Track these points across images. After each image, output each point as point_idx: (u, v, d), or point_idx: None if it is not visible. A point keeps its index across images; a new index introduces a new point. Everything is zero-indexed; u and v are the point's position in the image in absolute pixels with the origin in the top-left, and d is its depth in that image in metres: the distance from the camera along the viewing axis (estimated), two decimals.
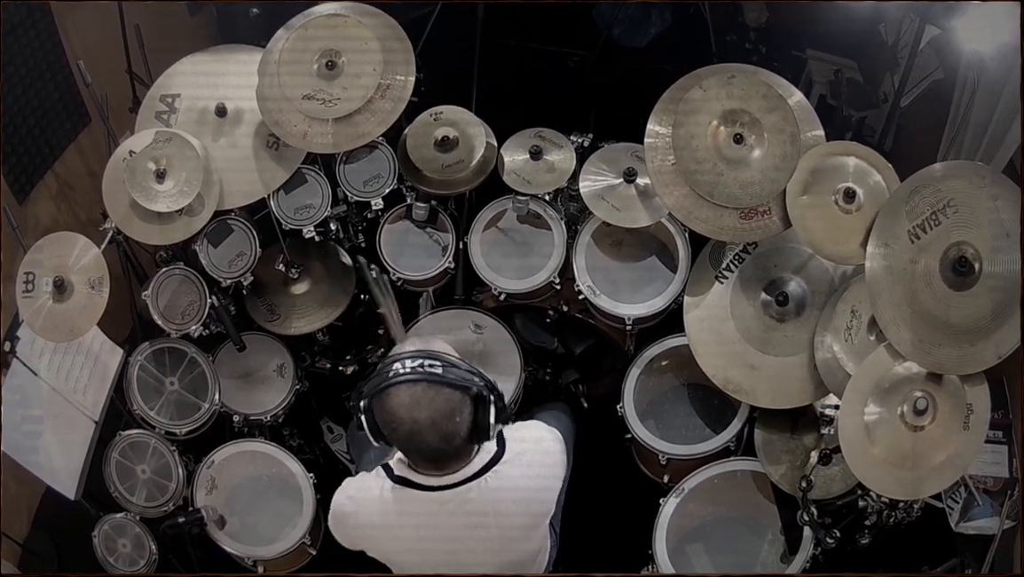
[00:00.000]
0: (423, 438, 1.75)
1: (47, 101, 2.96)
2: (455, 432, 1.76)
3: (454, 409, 1.74)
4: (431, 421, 1.73)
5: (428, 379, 1.72)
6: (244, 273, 2.81)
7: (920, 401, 2.08)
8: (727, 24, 4.08)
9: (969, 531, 2.37)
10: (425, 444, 1.76)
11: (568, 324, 2.98)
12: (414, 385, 1.72)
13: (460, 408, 1.75)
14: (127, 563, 2.62)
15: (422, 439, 1.75)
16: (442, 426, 1.74)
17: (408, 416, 1.73)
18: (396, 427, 1.75)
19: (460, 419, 1.76)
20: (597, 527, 2.88)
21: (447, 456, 1.81)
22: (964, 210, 2.08)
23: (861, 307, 2.33)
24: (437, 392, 1.72)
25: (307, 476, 2.74)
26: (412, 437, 1.76)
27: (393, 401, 1.73)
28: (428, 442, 1.75)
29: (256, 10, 3.49)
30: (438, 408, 1.72)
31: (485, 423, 1.78)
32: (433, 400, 1.72)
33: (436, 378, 1.72)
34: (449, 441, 1.77)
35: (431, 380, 1.72)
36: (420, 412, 1.72)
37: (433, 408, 1.72)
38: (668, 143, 2.43)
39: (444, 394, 1.73)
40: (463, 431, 1.77)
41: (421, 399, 1.72)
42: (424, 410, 1.72)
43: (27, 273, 2.48)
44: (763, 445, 2.53)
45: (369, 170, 2.83)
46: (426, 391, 1.72)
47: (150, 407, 2.71)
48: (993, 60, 2.52)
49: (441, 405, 1.73)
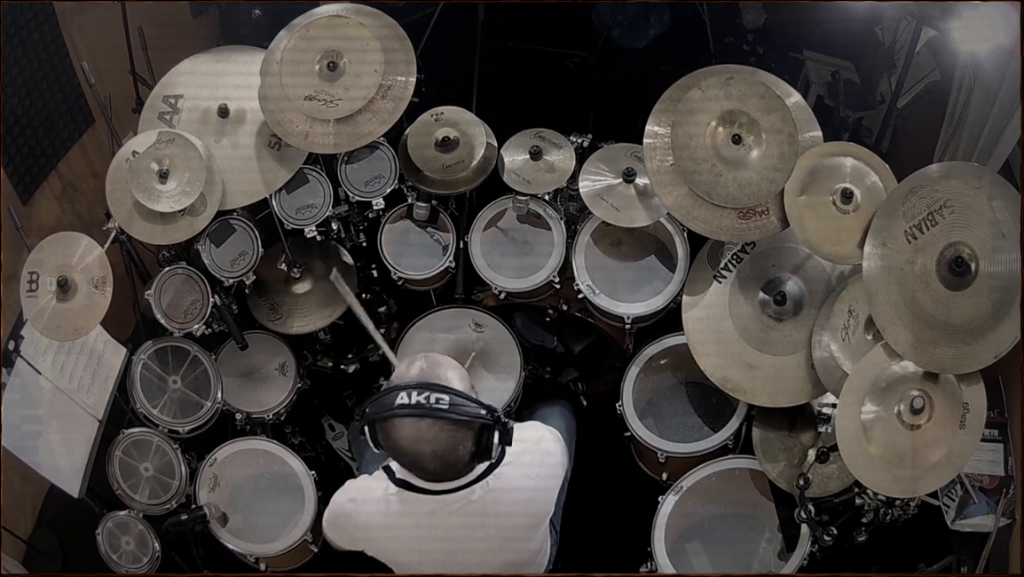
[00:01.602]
0: (425, 466, 1.78)
1: (51, 102, 2.97)
2: (458, 461, 1.78)
3: (457, 443, 1.75)
4: (433, 453, 1.74)
5: (434, 416, 1.70)
6: (246, 272, 2.81)
7: (917, 400, 2.08)
8: (725, 26, 4.08)
9: (965, 529, 2.38)
10: (427, 470, 1.79)
11: (568, 323, 2.99)
12: (419, 420, 1.71)
13: (464, 441, 1.76)
14: (130, 560, 2.63)
15: (424, 467, 1.78)
16: (445, 457, 1.75)
17: (411, 448, 1.74)
18: (398, 455, 1.78)
19: (463, 450, 1.77)
20: (596, 524, 2.89)
21: (449, 477, 1.83)
22: (960, 210, 2.08)
23: (858, 307, 2.33)
24: (441, 428, 1.72)
25: (309, 474, 2.75)
26: (415, 464, 1.79)
27: (396, 432, 1.73)
28: (430, 469, 1.78)
29: (258, 11, 3.50)
30: (441, 443, 1.73)
31: (488, 446, 1.79)
32: (437, 436, 1.72)
33: (442, 415, 1.70)
34: (451, 468, 1.79)
35: (436, 416, 1.71)
36: (423, 446, 1.73)
37: (437, 443, 1.73)
38: (667, 143, 2.43)
39: (448, 430, 1.72)
40: (466, 458, 1.79)
41: (426, 434, 1.72)
42: (428, 444, 1.73)
43: (31, 273, 2.49)
44: (761, 443, 2.54)
45: (370, 170, 2.83)
46: (431, 427, 1.71)
47: (153, 405, 2.72)
48: (989, 62, 2.52)
49: (445, 440, 1.73)
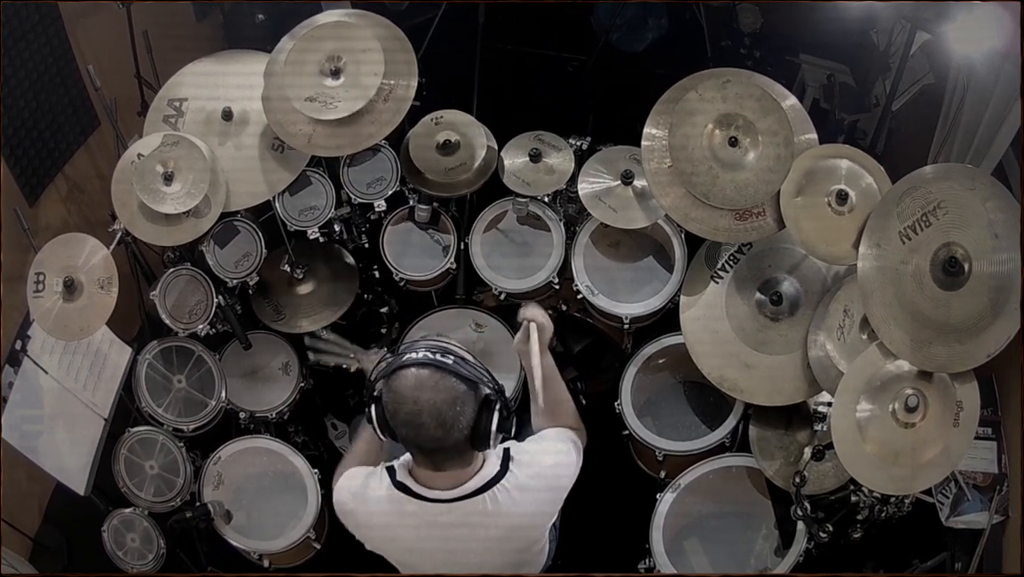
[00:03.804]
0: (422, 421, 1.74)
1: (57, 105, 2.99)
2: (454, 422, 1.75)
3: (457, 398, 1.75)
4: (432, 404, 1.74)
5: (436, 365, 1.75)
6: (250, 273, 2.84)
7: (911, 398, 2.10)
8: (722, 30, 4.10)
9: (959, 525, 2.38)
10: (424, 429, 1.75)
11: (567, 323, 3.00)
12: (421, 368, 1.75)
13: (463, 400, 1.76)
14: (136, 557, 2.65)
15: (421, 422, 1.74)
16: (442, 411, 1.74)
17: (411, 395, 1.75)
18: (398, 407, 1.76)
19: (461, 410, 1.76)
20: (596, 522, 2.89)
21: (444, 451, 1.80)
22: (954, 211, 2.09)
23: (853, 306, 2.35)
24: (443, 378, 1.75)
25: (311, 472, 2.77)
26: (412, 420, 1.75)
27: (399, 382, 1.76)
28: (426, 427, 1.74)
29: (262, 16, 3.51)
30: (441, 393, 1.74)
31: (487, 428, 1.79)
32: (437, 384, 1.74)
33: (445, 366, 1.75)
34: (447, 431, 1.75)
35: (439, 366, 1.75)
36: (423, 393, 1.74)
37: (436, 392, 1.74)
38: (665, 146, 2.45)
39: (449, 382, 1.75)
40: (462, 425, 1.76)
41: (426, 381, 1.74)
42: (427, 392, 1.74)
43: (37, 273, 2.52)
44: (758, 441, 2.55)
45: (372, 172, 2.86)
46: (432, 375, 1.75)
47: (158, 404, 2.75)
48: (982, 64, 2.53)
49: (445, 391, 1.75)
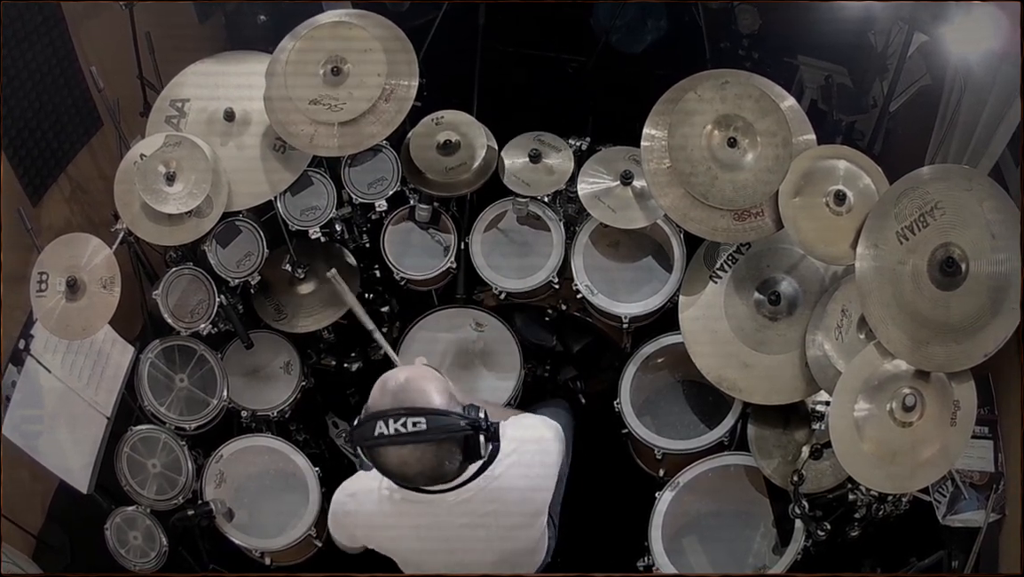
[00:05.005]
0: (416, 484, 1.82)
1: (60, 105, 3.00)
2: (446, 473, 1.80)
3: (444, 459, 1.76)
4: (421, 473, 1.76)
5: (414, 440, 1.72)
6: (252, 273, 2.85)
7: (908, 398, 2.10)
8: (721, 31, 4.10)
9: (956, 524, 2.38)
10: (417, 481, 1.81)
11: (566, 322, 3.02)
12: (401, 448, 1.72)
13: (450, 455, 1.77)
14: (138, 555, 2.66)
15: (415, 484, 1.82)
16: (432, 474, 1.78)
17: (399, 472, 1.76)
18: (388, 473, 1.79)
19: (450, 463, 1.78)
20: (595, 520, 2.91)
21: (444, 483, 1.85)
22: (951, 212, 2.10)
23: (851, 306, 2.36)
24: (424, 451, 1.73)
25: (313, 470, 2.77)
26: (405, 480, 1.80)
27: (381, 459, 1.75)
28: (419, 480, 1.80)
29: (264, 17, 3.52)
30: (427, 462, 1.74)
31: (475, 450, 1.80)
32: (421, 458, 1.73)
33: (422, 438, 1.71)
34: (443, 478, 1.81)
35: (417, 441, 1.72)
36: (409, 468, 1.75)
37: (423, 463, 1.74)
38: (664, 146, 2.46)
39: (431, 450, 1.73)
40: (456, 467, 1.80)
41: (408, 458, 1.73)
42: (413, 467, 1.74)
43: (41, 273, 2.53)
44: (756, 440, 2.56)
45: (373, 173, 2.87)
46: (413, 452, 1.73)
47: (160, 403, 2.76)
48: (979, 65, 2.54)
49: (430, 459, 1.74)
